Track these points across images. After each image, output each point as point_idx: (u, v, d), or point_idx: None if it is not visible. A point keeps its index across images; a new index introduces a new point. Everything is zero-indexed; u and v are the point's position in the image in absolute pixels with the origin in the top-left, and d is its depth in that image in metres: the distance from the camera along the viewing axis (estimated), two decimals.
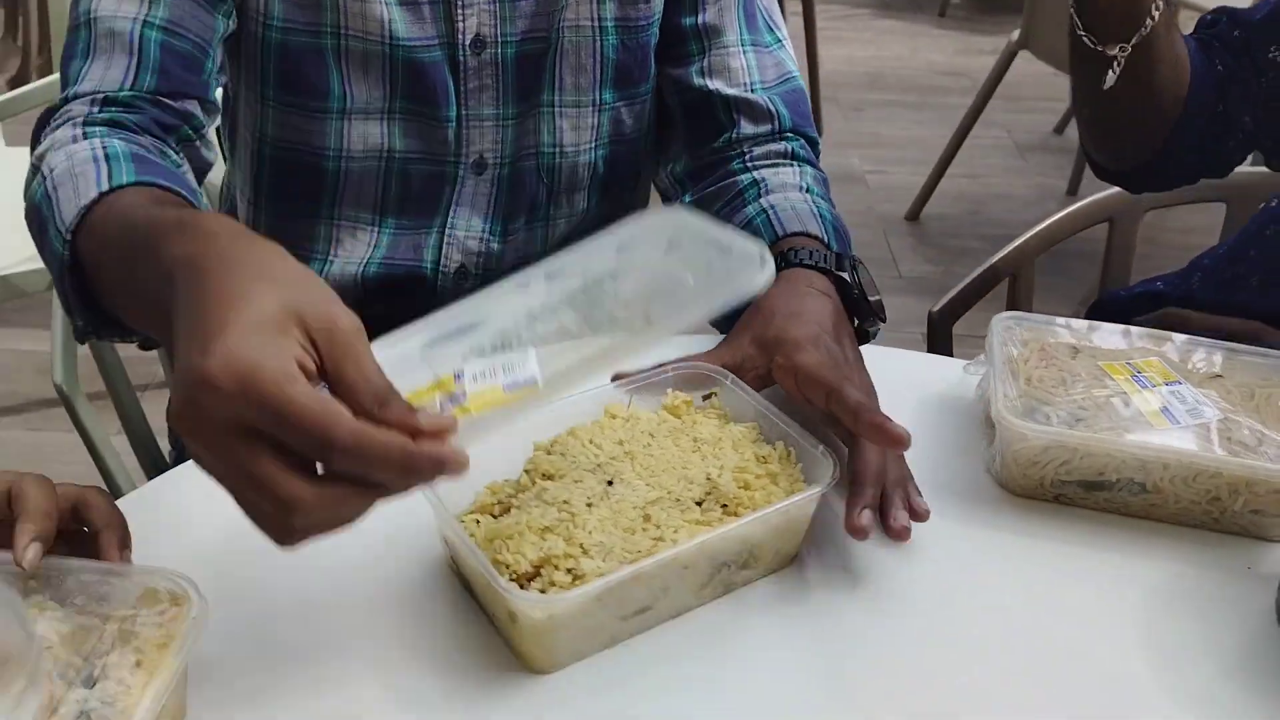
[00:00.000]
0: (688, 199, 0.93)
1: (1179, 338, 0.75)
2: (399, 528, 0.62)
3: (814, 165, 0.92)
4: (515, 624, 0.55)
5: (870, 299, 0.78)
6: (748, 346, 0.71)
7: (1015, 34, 2.66)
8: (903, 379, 0.76)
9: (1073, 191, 3.08)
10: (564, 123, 0.89)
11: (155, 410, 1.03)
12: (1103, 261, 1.17)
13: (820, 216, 0.83)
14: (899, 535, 0.62)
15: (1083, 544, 0.66)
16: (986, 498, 0.69)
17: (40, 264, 1.46)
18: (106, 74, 0.75)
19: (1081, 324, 0.75)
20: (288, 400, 0.43)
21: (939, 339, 1.03)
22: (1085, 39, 0.86)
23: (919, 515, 0.63)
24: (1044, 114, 3.51)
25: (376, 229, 0.90)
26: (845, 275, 0.77)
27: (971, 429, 0.74)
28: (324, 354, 0.46)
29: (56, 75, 1.36)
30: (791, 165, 0.89)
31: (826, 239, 0.81)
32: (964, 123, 2.85)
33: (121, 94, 0.75)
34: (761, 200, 0.85)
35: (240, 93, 0.87)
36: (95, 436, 1.00)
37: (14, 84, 2.01)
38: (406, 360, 0.51)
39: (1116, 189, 1.13)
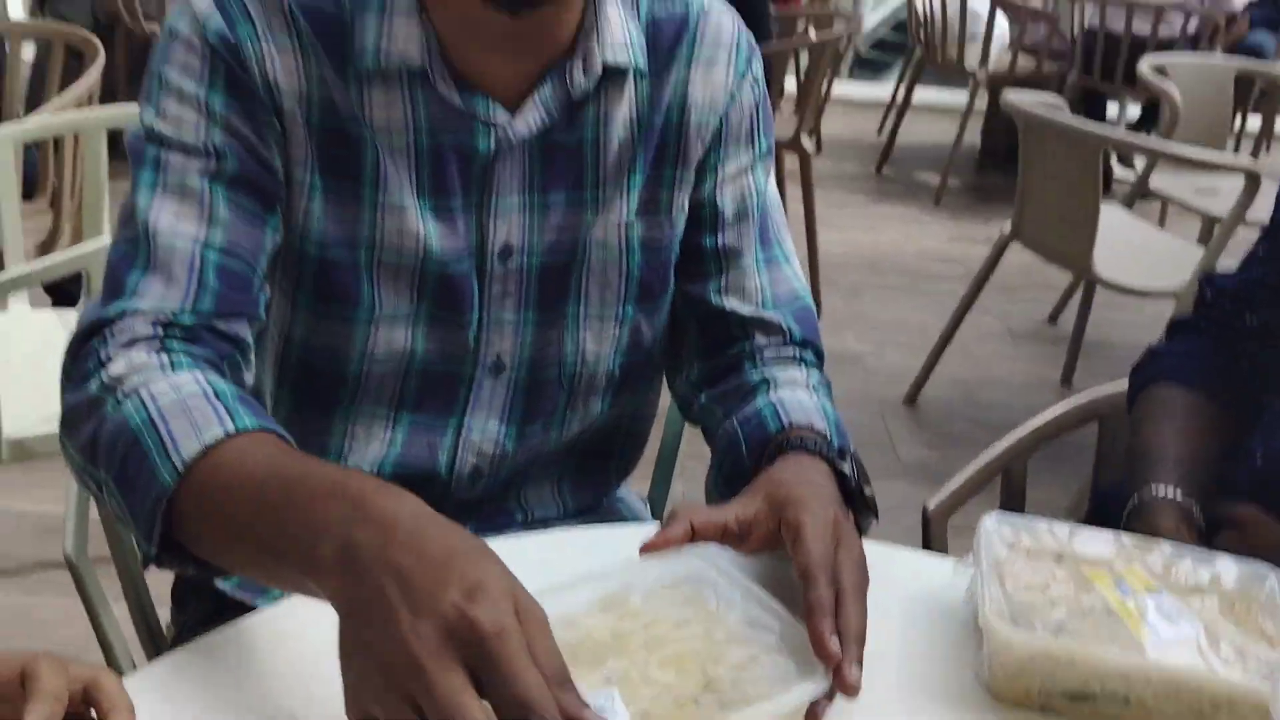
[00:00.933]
0: (704, 400, 0.97)
1: (1164, 544, 0.77)
2: None
3: (820, 371, 0.96)
4: None
5: (866, 495, 0.81)
6: (761, 503, 0.73)
7: (1006, 225, 2.77)
8: (896, 577, 0.79)
9: (1066, 381, 3.14)
10: (587, 333, 0.93)
11: (157, 579, 1.04)
12: (1094, 458, 1.21)
13: (825, 413, 0.88)
14: (851, 690, 0.63)
15: None
16: (975, 705, 0.70)
17: (52, 428, 1.50)
18: (166, 293, 0.76)
19: (1064, 528, 0.78)
20: (524, 661, 0.52)
21: (935, 534, 1.06)
22: None
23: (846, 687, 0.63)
24: (1037, 303, 3.62)
25: (392, 426, 0.92)
26: (845, 468, 0.80)
27: (962, 631, 0.75)
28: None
29: (89, 246, 1.43)
30: (800, 367, 0.94)
31: (829, 435, 0.84)
32: (959, 310, 2.94)
33: (181, 318, 0.76)
34: (770, 395, 0.89)
35: (273, 297, 0.88)
36: (98, 606, 1.01)
37: (43, 248, 2.08)
38: None
39: (1107, 387, 1.18)
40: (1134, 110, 4.91)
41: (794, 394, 0.89)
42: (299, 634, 0.72)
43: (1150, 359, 1.09)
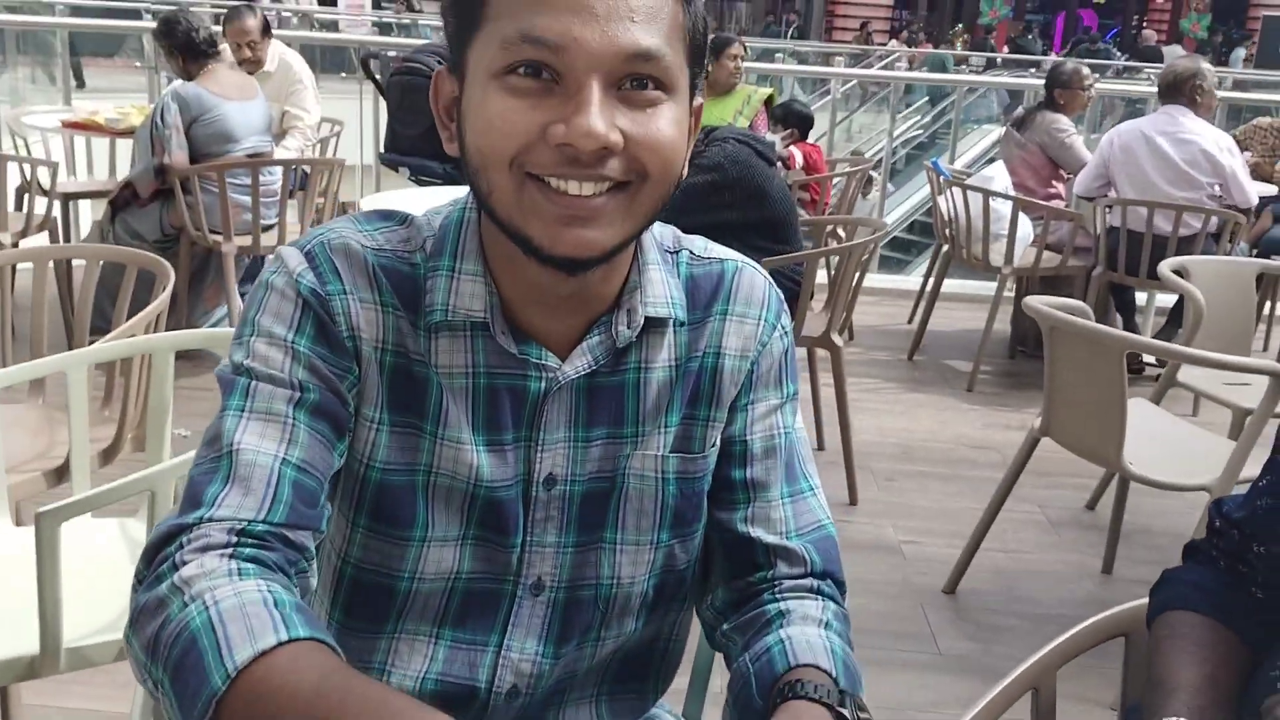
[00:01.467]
0: (726, 628, 1.01)
1: None
2: None
3: (838, 603, 1.01)
4: None
5: None
6: None
7: (1037, 420, 2.83)
8: None
9: (1107, 570, 3.13)
10: (623, 558, 1.00)
11: None
12: (1121, 677, 1.22)
13: (832, 652, 0.92)
14: None
15: None
16: None
17: (110, 637, 1.55)
18: (243, 503, 0.82)
19: None
20: None
21: None
22: None
23: None
24: (1074, 490, 3.63)
25: (434, 642, 0.98)
26: (845, 712, 0.84)
27: None
28: None
29: (153, 469, 1.52)
30: (816, 600, 0.99)
31: (835, 674, 0.89)
32: (996, 499, 2.96)
33: (255, 527, 0.82)
34: (781, 630, 0.94)
35: (333, 518, 0.97)
36: None
37: (106, 455, 2.18)
38: None
39: (1129, 605, 1.21)
40: (1164, 298, 5.02)
41: (804, 631, 0.94)
42: None
43: (1164, 584, 1.13)
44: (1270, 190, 5.34)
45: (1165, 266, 3.30)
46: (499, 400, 0.95)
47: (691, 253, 1.03)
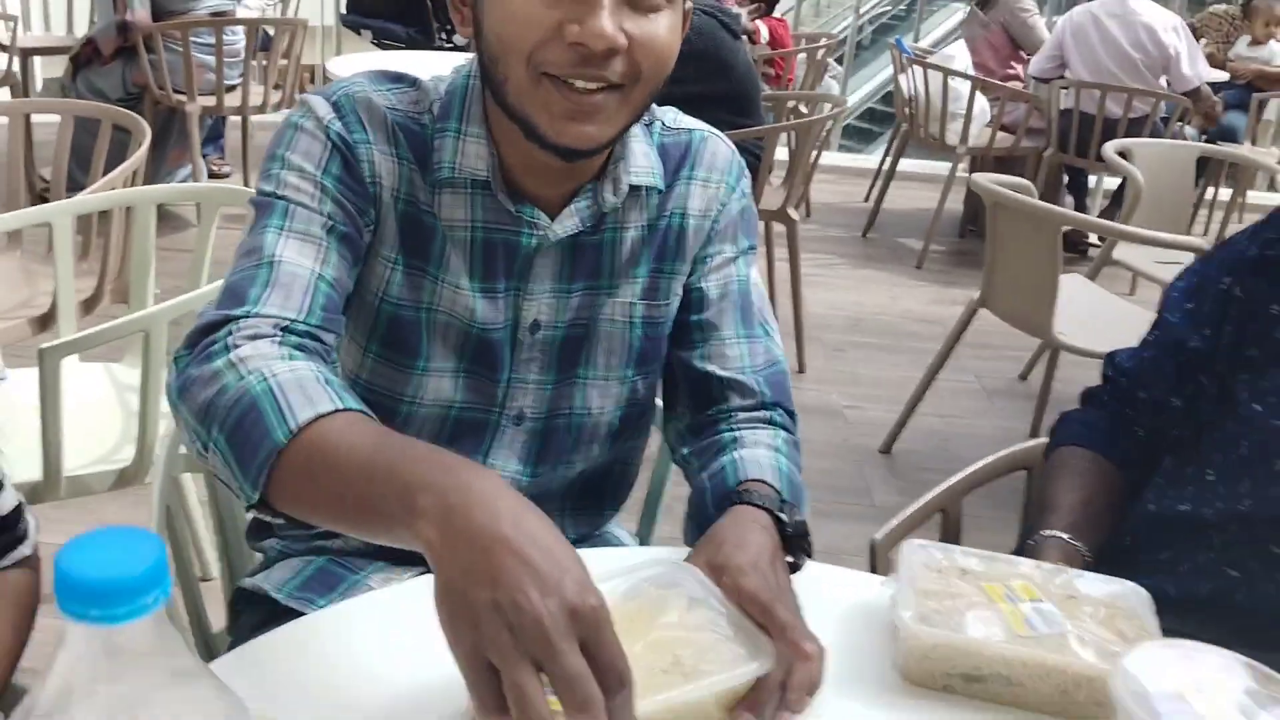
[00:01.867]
0: (686, 451, 1.15)
1: (1050, 567, 0.96)
2: (434, 690, 0.81)
3: (789, 431, 1.13)
4: None
5: (802, 539, 0.98)
6: (702, 567, 0.91)
7: (977, 293, 2.98)
8: (842, 592, 0.99)
9: (1034, 434, 3.32)
10: (594, 391, 1.13)
11: (211, 592, 1.21)
12: (1023, 506, 1.39)
13: (777, 470, 1.05)
14: None
15: None
16: (891, 686, 0.89)
17: (106, 467, 1.67)
18: (286, 304, 0.92)
19: (972, 553, 0.97)
20: (620, 647, 0.66)
21: (880, 562, 1.24)
22: None
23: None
24: (1010, 361, 3.81)
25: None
26: (783, 516, 0.97)
27: (885, 631, 0.93)
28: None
29: (148, 310, 1.62)
30: (768, 429, 1.11)
31: (779, 488, 1.02)
32: (932, 367, 3.14)
33: (296, 325, 0.92)
34: (734, 452, 1.07)
35: (344, 343, 1.09)
36: None
37: (87, 306, 2.26)
38: None
39: (1032, 443, 1.37)
40: (1113, 181, 5.17)
41: (754, 452, 1.07)
42: (347, 637, 0.90)
43: (1061, 424, 1.28)
44: (1221, 76, 5.45)
45: (1109, 148, 3.43)
46: (494, 252, 1.06)
47: (663, 123, 1.13)
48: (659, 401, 1.24)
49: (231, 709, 0.45)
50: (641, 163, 1.09)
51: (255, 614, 1.14)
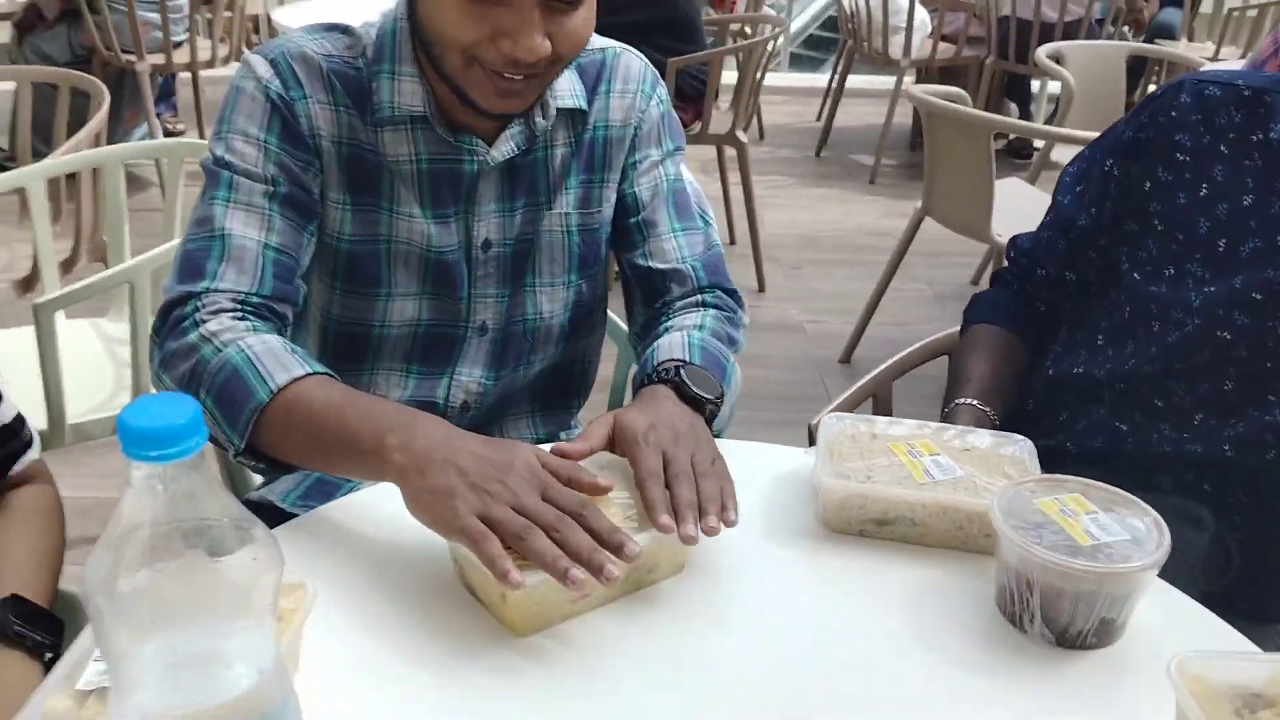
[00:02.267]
0: (639, 348, 1.26)
1: (949, 427, 1.10)
2: (429, 561, 0.95)
3: (720, 308, 1.24)
4: (505, 601, 0.87)
5: (701, 394, 1.06)
6: (605, 432, 1.00)
7: (919, 203, 3.11)
8: (769, 462, 1.12)
9: None
10: (543, 297, 1.25)
11: None
12: (948, 380, 1.53)
13: (688, 345, 1.13)
14: (709, 531, 0.91)
15: (877, 561, 1.00)
16: (813, 533, 1.03)
17: (105, 414, 1.77)
18: (239, 279, 1.05)
19: (883, 421, 1.10)
20: (561, 490, 0.88)
21: (814, 442, 1.37)
22: None
23: (727, 522, 0.93)
24: (961, 268, 3.95)
25: (404, 375, 1.24)
26: (681, 379, 1.06)
27: (807, 488, 1.08)
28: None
29: (132, 262, 1.72)
30: (697, 311, 1.22)
31: (687, 358, 1.11)
32: (884, 277, 3.27)
33: (251, 298, 1.05)
34: (658, 340, 1.16)
35: (312, 283, 1.19)
36: None
37: (65, 266, 2.35)
38: None
39: (953, 330, 1.51)
40: (1057, 85, 5.27)
41: (671, 337, 1.15)
42: (349, 530, 1.04)
43: (972, 304, 1.42)
44: None
45: (1041, 52, 3.54)
46: (440, 180, 1.16)
47: None
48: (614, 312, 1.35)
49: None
50: (565, 87, 1.19)
51: (264, 521, 1.27)
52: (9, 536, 1.01)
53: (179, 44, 4.30)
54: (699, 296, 1.25)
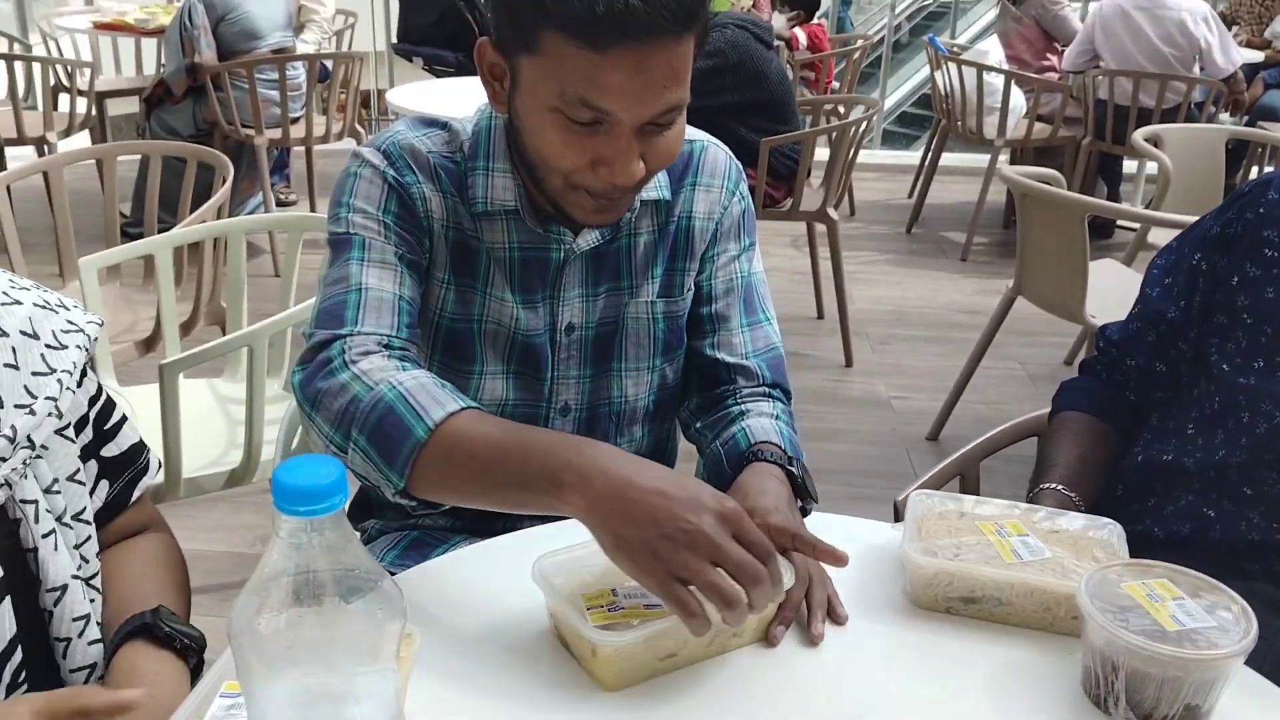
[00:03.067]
0: (699, 425, 1.32)
1: (1037, 509, 1.12)
2: (525, 616, 1.00)
3: (784, 403, 1.30)
4: (595, 657, 0.91)
5: (809, 487, 1.15)
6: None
7: (1011, 281, 3.11)
8: (856, 535, 1.15)
9: None
10: (628, 381, 1.30)
11: None
12: (1035, 465, 1.54)
13: (781, 433, 1.22)
14: (814, 639, 0.99)
15: (963, 639, 1.01)
16: (899, 608, 1.05)
17: (217, 469, 1.87)
18: (379, 323, 1.10)
19: (971, 500, 1.13)
20: (753, 529, 0.91)
21: (901, 517, 1.39)
22: None
23: (838, 620, 1.01)
24: (1054, 348, 3.92)
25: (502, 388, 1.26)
26: (794, 470, 1.15)
27: (895, 565, 1.10)
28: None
29: (252, 327, 1.82)
30: (768, 401, 1.29)
31: (784, 446, 1.19)
32: (975, 353, 3.27)
33: (393, 341, 1.09)
34: (743, 422, 1.24)
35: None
36: None
37: (184, 329, 2.49)
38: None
39: (1041, 412, 1.52)
40: (1153, 167, 5.23)
41: (760, 421, 1.23)
42: (448, 585, 1.09)
43: (1061, 392, 1.44)
44: (1257, 56, 5.50)
45: (1138, 135, 3.53)
46: (530, 268, 1.22)
47: None
48: None
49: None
50: (651, 179, 1.21)
51: None
52: (142, 571, 1.08)
53: (295, 120, 4.53)
54: (764, 390, 1.30)
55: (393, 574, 1.27)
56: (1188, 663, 0.86)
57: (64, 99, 4.65)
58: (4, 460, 0.89)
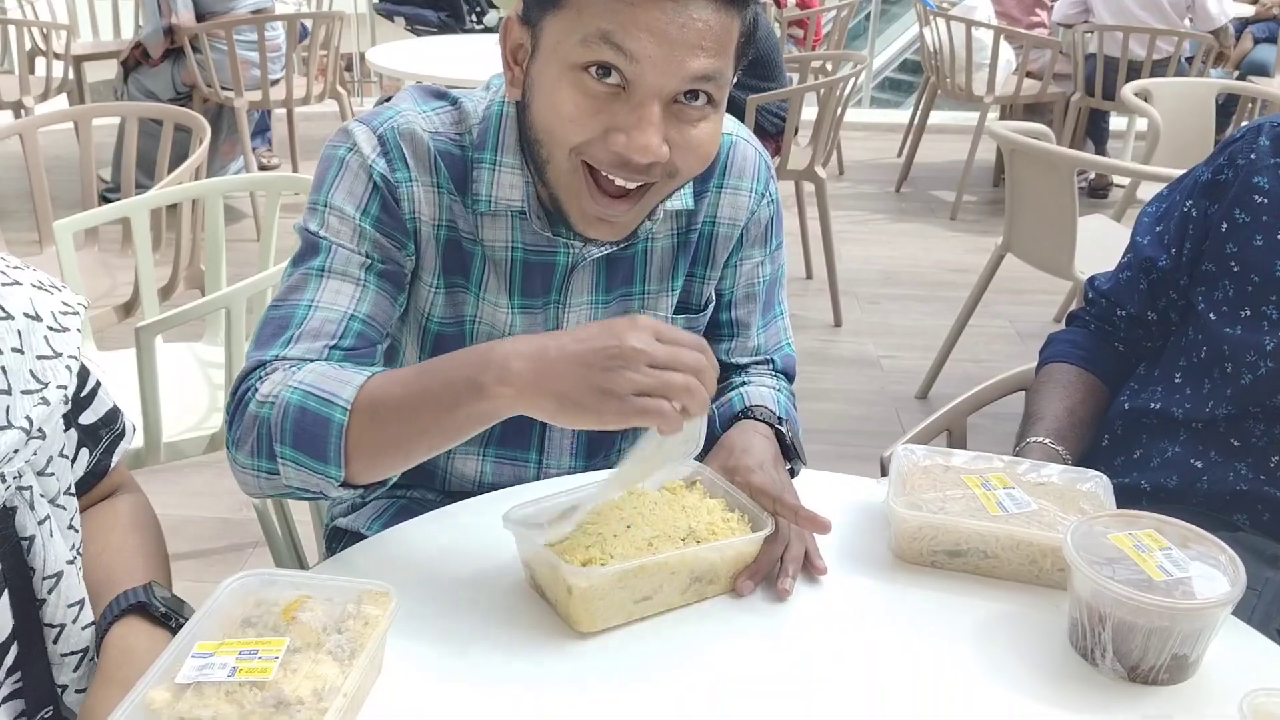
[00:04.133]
0: None
1: (1022, 461, 1.10)
2: (499, 570, 0.98)
3: (788, 384, 1.27)
4: (570, 596, 0.90)
5: (796, 448, 1.14)
6: (716, 470, 1.06)
7: (1000, 239, 3.09)
8: (841, 492, 1.14)
9: None
10: None
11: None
12: (1022, 419, 1.52)
13: (778, 401, 1.20)
14: (781, 594, 0.97)
15: (948, 592, 1.00)
16: (885, 563, 1.04)
17: (198, 433, 1.85)
18: (310, 347, 1.01)
19: (956, 451, 1.11)
20: (671, 329, 0.87)
21: (887, 472, 1.38)
22: None
23: (818, 571, 1.00)
24: (1043, 305, 3.90)
25: (481, 457, 1.22)
26: (782, 430, 1.13)
27: (880, 518, 1.08)
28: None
29: (228, 289, 1.79)
30: (772, 376, 1.26)
31: (778, 412, 1.18)
32: (963, 313, 3.25)
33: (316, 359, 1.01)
34: (741, 388, 1.22)
35: (407, 353, 1.19)
36: (278, 542, 1.34)
37: (164, 293, 2.46)
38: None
39: (1028, 366, 1.51)
40: (1143, 124, 5.20)
41: (758, 389, 1.21)
42: (427, 543, 1.07)
43: (1048, 344, 1.42)
44: (1247, 11, 5.45)
45: (1128, 89, 3.50)
46: (532, 272, 1.12)
47: None
48: None
49: None
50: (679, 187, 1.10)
51: (350, 547, 1.30)
52: (124, 540, 1.06)
53: (275, 82, 4.46)
54: (770, 368, 1.28)
55: None
56: (1175, 612, 0.85)
57: (40, 63, 4.57)
58: (16, 453, 0.86)
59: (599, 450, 1.24)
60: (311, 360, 1.01)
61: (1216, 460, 1.20)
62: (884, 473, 1.38)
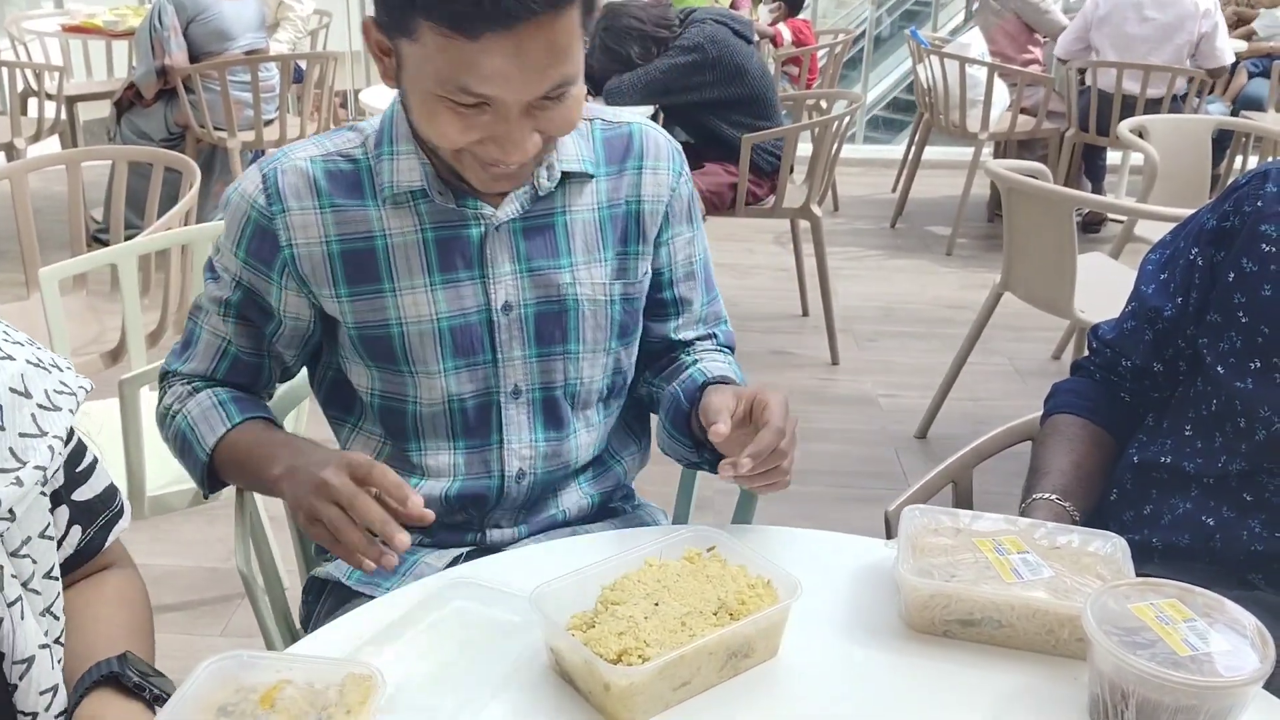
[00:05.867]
0: (653, 380, 1.34)
1: (1036, 522, 1.06)
2: (519, 648, 0.94)
3: (732, 357, 1.36)
4: (608, 692, 0.86)
5: None
6: (732, 398, 1.11)
7: (997, 275, 3.06)
8: (849, 556, 1.09)
9: None
10: (584, 364, 1.27)
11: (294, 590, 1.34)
12: (1028, 473, 1.49)
13: (735, 372, 1.29)
14: (714, 434, 1.06)
15: (961, 664, 0.96)
16: (896, 633, 1.00)
17: (183, 486, 1.80)
18: (198, 367, 1.27)
19: (966, 514, 1.07)
20: (380, 468, 1.03)
21: (893, 529, 1.34)
22: None
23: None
24: (1042, 343, 3.88)
25: (451, 453, 1.25)
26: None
27: (889, 585, 1.04)
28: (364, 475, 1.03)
29: None
30: (718, 350, 1.35)
31: (739, 381, 1.25)
32: (962, 351, 3.22)
33: (205, 383, 1.26)
34: (699, 365, 1.29)
35: (350, 365, 1.25)
36: (260, 605, 1.30)
37: (152, 339, 2.42)
38: None
39: (1034, 416, 1.47)
40: (1138, 158, 5.20)
41: (714, 364, 1.29)
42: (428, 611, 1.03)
43: (1053, 394, 1.38)
44: (1241, 45, 5.46)
45: (1124, 126, 3.49)
46: (447, 247, 1.18)
47: (603, 120, 1.26)
48: None
49: None
50: (571, 151, 1.21)
51: (330, 599, 1.29)
52: (108, 613, 1.03)
53: (269, 122, 4.45)
54: (715, 346, 1.36)
55: (359, 594, 1.22)
56: (1203, 691, 0.81)
57: (33, 103, 4.55)
58: None
59: (552, 426, 1.29)
60: (198, 382, 1.27)
61: (1229, 517, 1.16)
62: (889, 530, 1.35)
